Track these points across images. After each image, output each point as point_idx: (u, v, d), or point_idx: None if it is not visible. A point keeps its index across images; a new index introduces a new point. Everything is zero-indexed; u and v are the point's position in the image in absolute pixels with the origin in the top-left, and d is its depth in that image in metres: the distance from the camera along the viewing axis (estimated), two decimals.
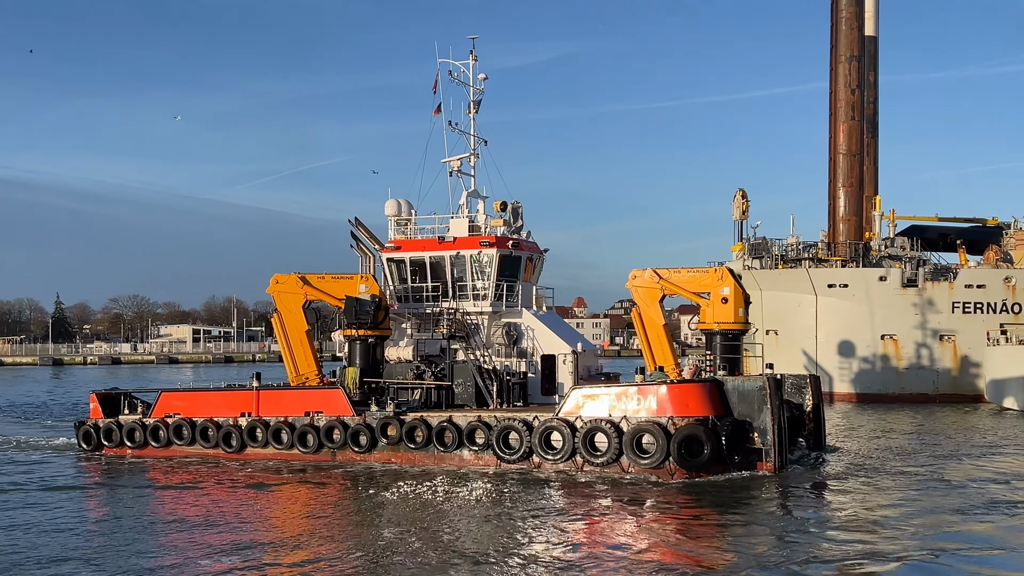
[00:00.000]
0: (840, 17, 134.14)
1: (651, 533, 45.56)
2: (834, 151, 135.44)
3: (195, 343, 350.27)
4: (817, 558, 39.66)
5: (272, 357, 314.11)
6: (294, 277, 69.71)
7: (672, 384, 59.53)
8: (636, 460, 58.14)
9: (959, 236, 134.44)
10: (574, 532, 45.53)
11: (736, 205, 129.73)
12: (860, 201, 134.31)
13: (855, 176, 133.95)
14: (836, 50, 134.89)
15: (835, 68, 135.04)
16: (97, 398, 74.11)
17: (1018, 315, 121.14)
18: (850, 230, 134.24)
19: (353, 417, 65.13)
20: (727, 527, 46.78)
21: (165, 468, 66.09)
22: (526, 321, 70.10)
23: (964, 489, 55.63)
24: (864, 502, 52.12)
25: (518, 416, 61.69)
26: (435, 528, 45.73)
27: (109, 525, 48.65)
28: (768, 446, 59.15)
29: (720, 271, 66.76)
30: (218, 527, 47.06)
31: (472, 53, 72.75)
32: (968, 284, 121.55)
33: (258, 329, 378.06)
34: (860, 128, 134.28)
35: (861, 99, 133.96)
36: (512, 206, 71.05)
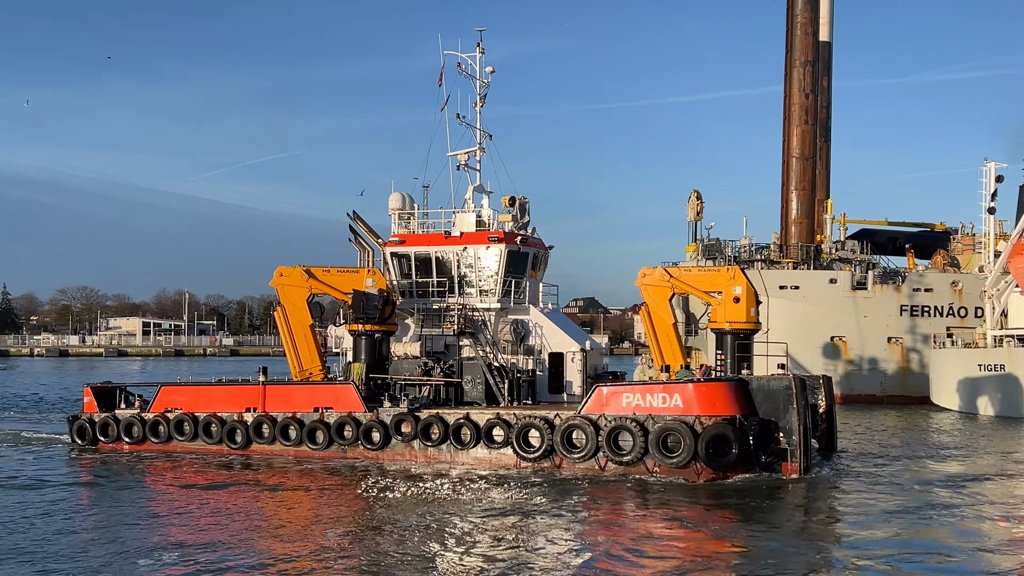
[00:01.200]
0: (795, 23, 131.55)
1: (681, 535, 42.97)
2: (787, 154, 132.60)
3: (145, 336, 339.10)
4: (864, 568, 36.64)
5: (223, 351, 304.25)
6: (299, 270, 65.08)
7: (699, 383, 56.03)
8: (662, 459, 54.52)
9: (908, 240, 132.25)
10: (597, 533, 43.06)
11: (691, 206, 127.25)
12: (812, 204, 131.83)
13: (807, 179, 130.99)
14: (791, 55, 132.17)
15: (790, 73, 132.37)
16: (92, 392, 69.13)
17: (964, 318, 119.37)
18: (802, 233, 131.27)
19: (365, 413, 61.10)
20: (764, 533, 43.71)
21: (167, 464, 61.64)
22: (534, 318, 66.29)
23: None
24: (911, 506, 49.31)
25: (538, 413, 57.97)
26: (453, 527, 42.69)
27: (109, 524, 44.49)
28: (794, 447, 55.66)
29: (732, 270, 63.86)
30: (226, 526, 43.69)
31: (479, 46, 68.72)
32: (916, 288, 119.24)
33: (209, 323, 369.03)
34: (813, 132, 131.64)
35: (815, 103, 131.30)
36: (519, 202, 65.93)
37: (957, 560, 37.69)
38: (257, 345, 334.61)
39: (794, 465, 55.36)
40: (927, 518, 45.97)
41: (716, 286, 63.13)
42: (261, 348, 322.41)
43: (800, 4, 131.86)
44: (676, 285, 63.86)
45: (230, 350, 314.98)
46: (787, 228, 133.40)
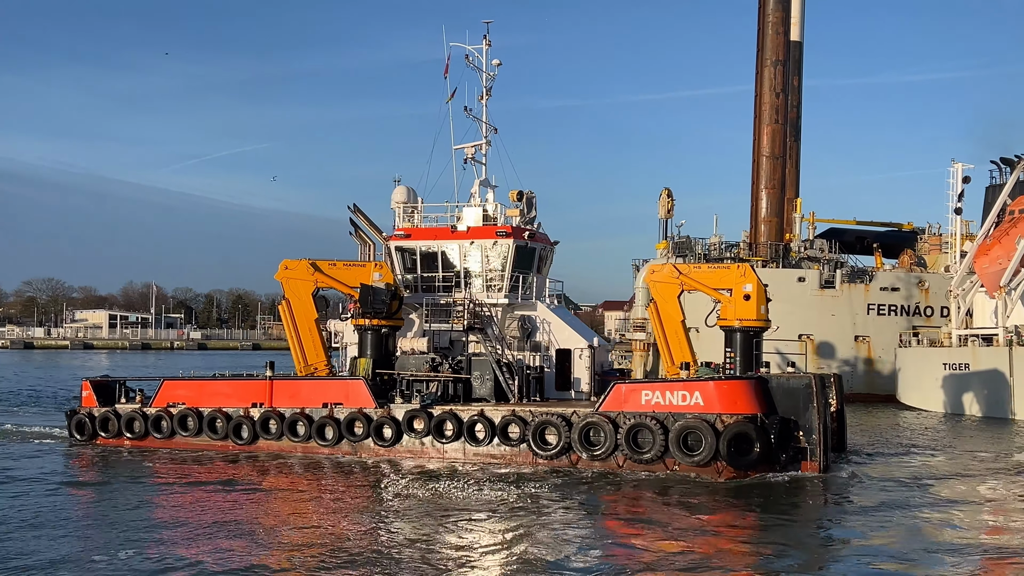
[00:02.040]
0: (767, 22, 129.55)
1: (706, 534, 40.99)
2: (758, 153, 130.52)
3: (111, 329, 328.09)
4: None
5: (191, 344, 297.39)
6: (304, 263, 62.18)
7: (720, 380, 54.15)
8: (683, 458, 52.45)
9: (876, 240, 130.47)
10: (617, 532, 41.60)
11: (661, 204, 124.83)
12: (782, 203, 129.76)
13: (777, 178, 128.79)
14: (762, 54, 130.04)
15: (761, 72, 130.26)
16: (91, 385, 65.71)
17: (930, 317, 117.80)
18: (771, 231, 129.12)
19: (376, 409, 58.40)
20: (790, 531, 42.56)
21: (170, 460, 58.73)
22: (541, 314, 63.92)
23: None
24: (935, 503, 47.94)
25: (554, 410, 55.71)
26: (469, 526, 41.08)
27: (112, 522, 42.11)
28: (813, 445, 53.70)
29: (743, 267, 62.30)
30: (235, 526, 41.17)
31: (486, 38, 65.82)
32: (883, 287, 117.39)
33: (177, 316, 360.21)
34: (783, 131, 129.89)
35: (785, 103, 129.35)
36: (527, 196, 62.51)
37: (979, 556, 36.88)
38: (225, 339, 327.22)
39: (813, 464, 53.55)
40: (949, 514, 44.97)
41: (726, 283, 61.21)
42: (229, 342, 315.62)
43: (771, 4, 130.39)
44: (685, 282, 61.89)
45: (197, 343, 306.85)
46: (757, 226, 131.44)
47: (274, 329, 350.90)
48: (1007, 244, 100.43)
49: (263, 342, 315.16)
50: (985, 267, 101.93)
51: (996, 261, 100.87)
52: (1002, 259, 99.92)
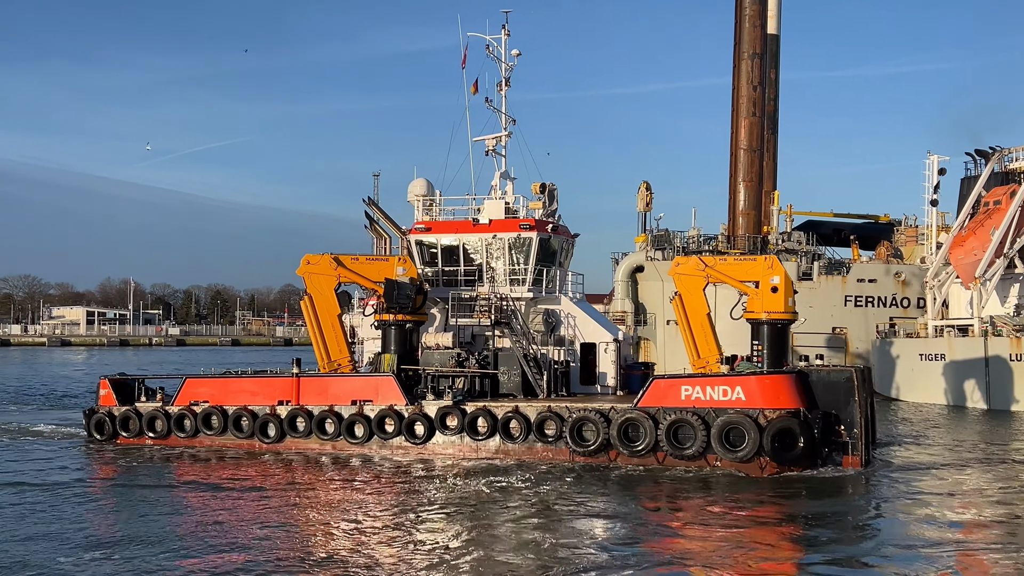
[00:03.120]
0: (744, 15, 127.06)
1: (759, 530, 39.45)
2: (735, 146, 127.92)
3: (89, 325, 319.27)
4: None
5: (170, 341, 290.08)
6: (327, 258, 58.84)
7: (763, 375, 51.90)
8: (726, 454, 50.07)
9: (852, 232, 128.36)
10: (663, 528, 39.61)
11: (640, 197, 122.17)
12: (759, 196, 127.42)
13: (755, 171, 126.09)
14: (739, 47, 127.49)
15: (738, 65, 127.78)
16: (110, 384, 62.09)
17: (907, 309, 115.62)
18: (749, 224, 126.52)
19: (407, 406, 55.53)
20: (843, 526, 40.59)
21: (196, 460, 55.72)
22: (565, 308, 61.30)
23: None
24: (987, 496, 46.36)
25: (591, 406, 53.15)
26: (513, 523, 39.08)
27: (140, 522, 39.45)
28: (855, 439, 51.56)
29: (770, 259, 59.51)
30: (269, 527, 38.49)
31: (504, 28, 62.77)
32: (860, 278, 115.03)
33: (155, 312, 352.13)
34: (761, 124, 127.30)
35: (762, 96, 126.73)
36: (549, 188, 59.00)
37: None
38: (204, 335, 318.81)
39: (855, 458, 51.48)
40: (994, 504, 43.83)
41: (753, 275, 58.48)
42: (208, 338, 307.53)
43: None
44: (711, 274, 59.14)
45: (176, 340, 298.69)
46: (735, 219, 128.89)
47: (253, 325, 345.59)
48: (982, 235, 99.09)
49: (242, 338, 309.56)
50: (960, 258, 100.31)
51: (971, 252, 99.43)
52: (977, 250, 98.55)
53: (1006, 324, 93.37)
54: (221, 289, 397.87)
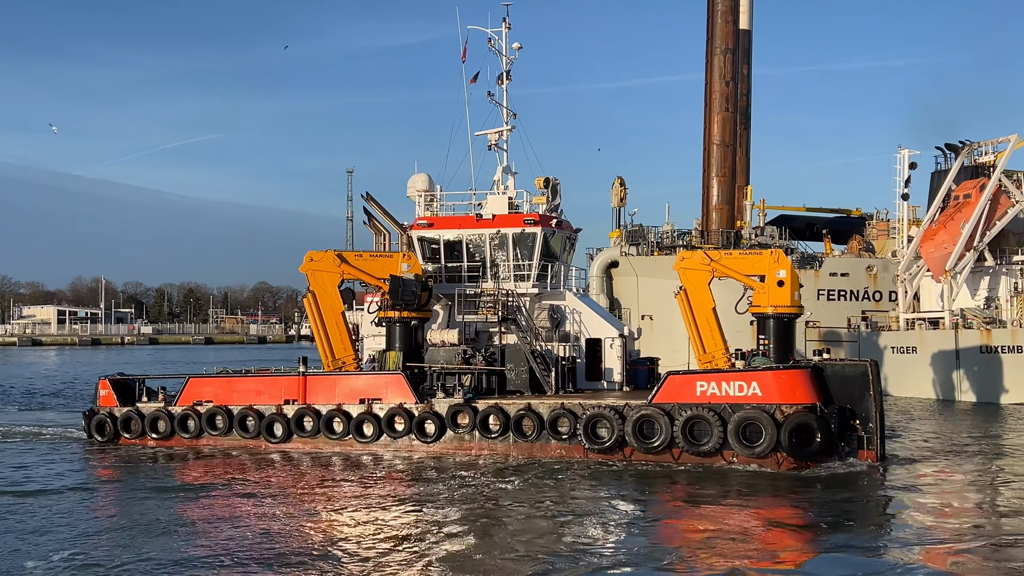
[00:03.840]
0: (716, 11, 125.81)
1: (782, 526, 38.48)
2: (708, 141, 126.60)
3: (60, 325, 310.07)
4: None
5: (142, 339, 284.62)
6: (331, 254, 57.05)
7: (778, 370, 50.50)
8: (743, 450, 48.71)
9: (825, 226, 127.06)
10: (684, 524, 38.64)
11: (614, 192, 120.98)
12: (732, 191, 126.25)
13: (728, 166, 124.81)
14: (712, 43, 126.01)
15: (711, 60, 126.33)
16: (110, 384, 59.58)
17: (879, 302, 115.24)
18: (722, 219, 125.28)
19: (417, 404, 53.66)
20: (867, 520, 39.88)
21: (203, 460, 53.53)
22: (570, 303, 59.64)
23: None
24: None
25: (605, 403, 51.66)
26: (523, 524, 37.65)
27: (156, 524, 37.67)
28: (870, 433, 50.26)
29: (776, 253, 57.78)
30: (288, 531, 36.59)
31: (505, 21, 60.83)
32: (832, 272, 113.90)
33: (127, 311, 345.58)
34: (734, 119, 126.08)
35: (735, 91, 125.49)
36: (552, 183, 56.85)
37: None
38: (177, 334, 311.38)
39: (871, 452, 50.20)
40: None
41: (759, 270, 56.90)
42: (181, 337, 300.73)
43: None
44: (716, 269, 57.48)
45: (149, 339, 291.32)
46: (708, 214, 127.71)
47: (226, 323, 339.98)
48: (952, 229, 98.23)
49: (216, 336, 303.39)
50: (931, 252, 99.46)
51: (942, 246, 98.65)
52: (947, 244, 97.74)
53: (976, 317, 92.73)
54: (194, 287, 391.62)
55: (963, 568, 31.45)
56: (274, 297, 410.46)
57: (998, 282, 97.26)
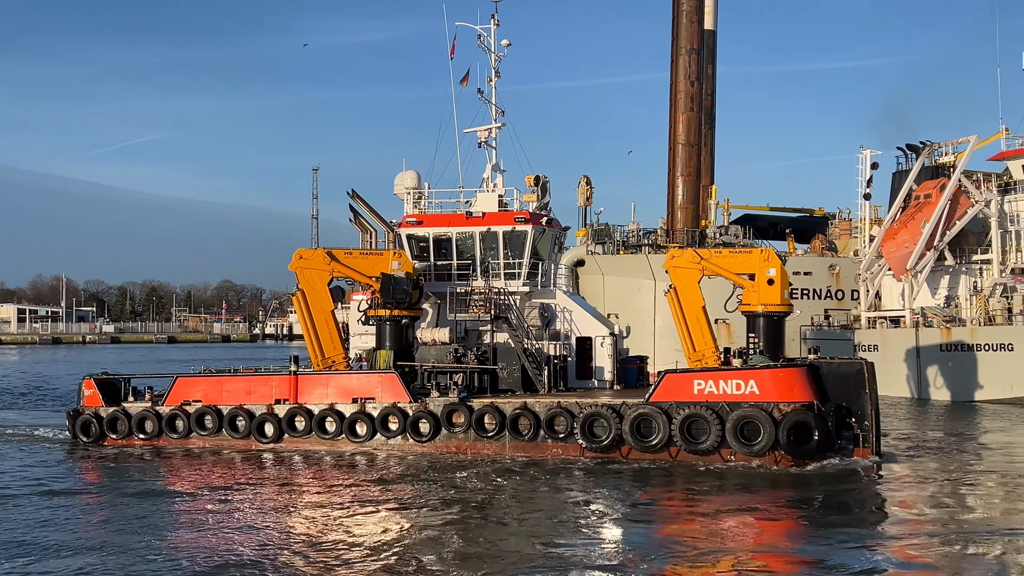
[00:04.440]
0: (681, 11, 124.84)
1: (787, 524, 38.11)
2: (673, 141, 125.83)
3: (20, 323, 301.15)
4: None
5: (104, 338, 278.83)
6: (320, 252, 55.71)
7: (776, 369, 49.64)
8: (741, 448, 47.80)
9: (788, 225, 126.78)
10: (685, 524, 37.58)
11: (581, 191, 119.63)
12: (697, 190, 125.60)
13: (693, 166, 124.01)
14: (677, 43, 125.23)
15: (676, 60, 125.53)
16: (95, 384, 57.51)
17: (841, 301, 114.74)
18: (687, 218, 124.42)
19: (411, 404, 52.24)
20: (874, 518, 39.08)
21: (193, 461, 51.71)
22: (561, 302, 58.55)
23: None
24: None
25: (601, 401, 50.58)
26: (520, 523, 36.83)
27: (149, 526, 36.30)
28: (866, 431, 49.48)
29: (766, 251, 57.67)
30: (287, 533, 35.27)
31: (494, 18, 59.28)
32: (795, 271, 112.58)
33: (88, 309, 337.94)
34: (698, 119, 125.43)
35: (700, 91, 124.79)
36: (542, 181, 55.55)
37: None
38: (139, 332, 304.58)
39: (867, 450, 49.48)
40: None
41: (749, 268, 56.31)
42: (144, 336, 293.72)
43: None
44: (707, 267, 56.80)
45: (111, 337, 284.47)
46: (673, 213, 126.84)
47: (190, 321, 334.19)
48: (913, 228, 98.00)
49: (179, 335, 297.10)
50: (892, 251, 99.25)
51: (903, 245, 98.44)
52: (908, 243, 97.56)
53: (936, 315, 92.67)
54: (157, 285, 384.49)
55: (963, 564, 31.00)
56: (238, 296, 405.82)
57: (958, 281, 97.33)
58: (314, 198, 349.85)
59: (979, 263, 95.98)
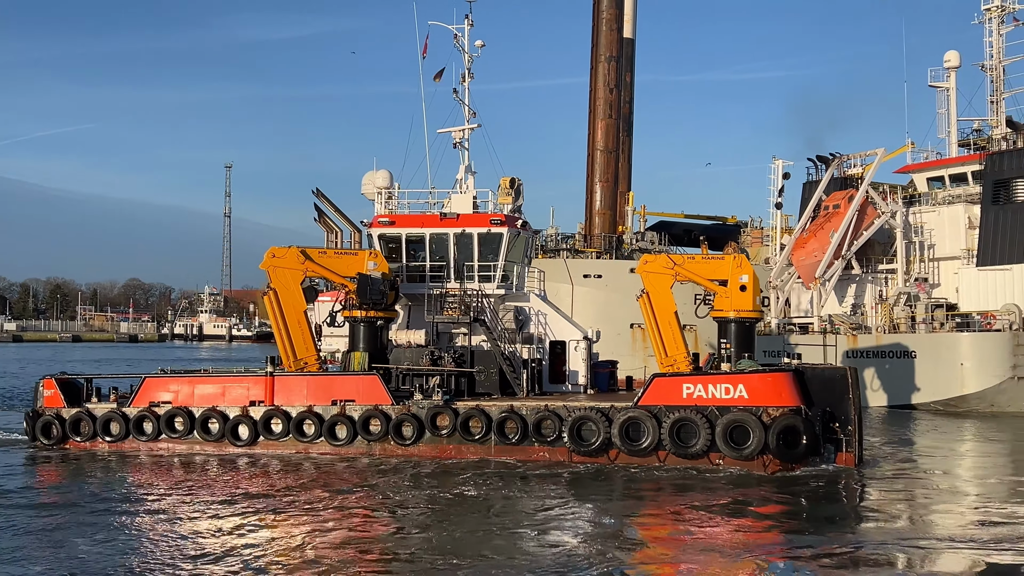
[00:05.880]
0: (601, 19, 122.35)
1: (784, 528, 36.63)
2: (592, 147, 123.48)
3: None
4: None
5: (5, 337, 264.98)
6: (294, 251, 52.36)
7: (764, 373, 48.22)
8: (730, 452, 46.29)
9: (702, 232, 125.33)
10: (682, 528, 35.73)
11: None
12: (615, 196, 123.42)
13: (611, 172, 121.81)
14: (597, 50, 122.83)
15: (595, 67, 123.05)
16: (56, 384, 53.19)
17: None
18: (605, 223, 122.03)
19: (394, 406, 49.54)
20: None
21: (162, 464, 47.87)
22: (535, 305, 56.29)
23: None
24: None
25: (589, 405, 48.63)
26: (518, 528, 34.52)
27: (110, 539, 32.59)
28: (849, 436, 48.22)
29: (739, 258, 56.41)
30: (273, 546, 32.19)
31: (468, 18, 56.74)
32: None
33: None
34: (617, 126, 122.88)
35: (618, 98, 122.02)
36: (517, 183, 53.70)
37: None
38: (43, 331, 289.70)
39: (849, 455, 48.33)
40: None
41: (721, 274, 54.82)
42: (47, 334, 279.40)
43: (605, 1, 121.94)
44: (680, 273, 55.42)
45: (12, 336, 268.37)
46: (592, 218, 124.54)
47: (95, 320, 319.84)
48: (822, 238, 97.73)
49: (84, 334, 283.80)
50: (802, 259, 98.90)
51: (812, 254, 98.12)
52: (817, 252, 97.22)
53: (843, 323, 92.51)
54: (61, 283, 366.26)
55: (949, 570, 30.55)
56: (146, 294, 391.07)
57: (864, 290, 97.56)
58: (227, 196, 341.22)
59: (884, 272, 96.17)
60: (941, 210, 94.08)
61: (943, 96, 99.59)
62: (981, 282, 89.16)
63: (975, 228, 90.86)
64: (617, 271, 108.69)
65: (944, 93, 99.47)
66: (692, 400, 46.59)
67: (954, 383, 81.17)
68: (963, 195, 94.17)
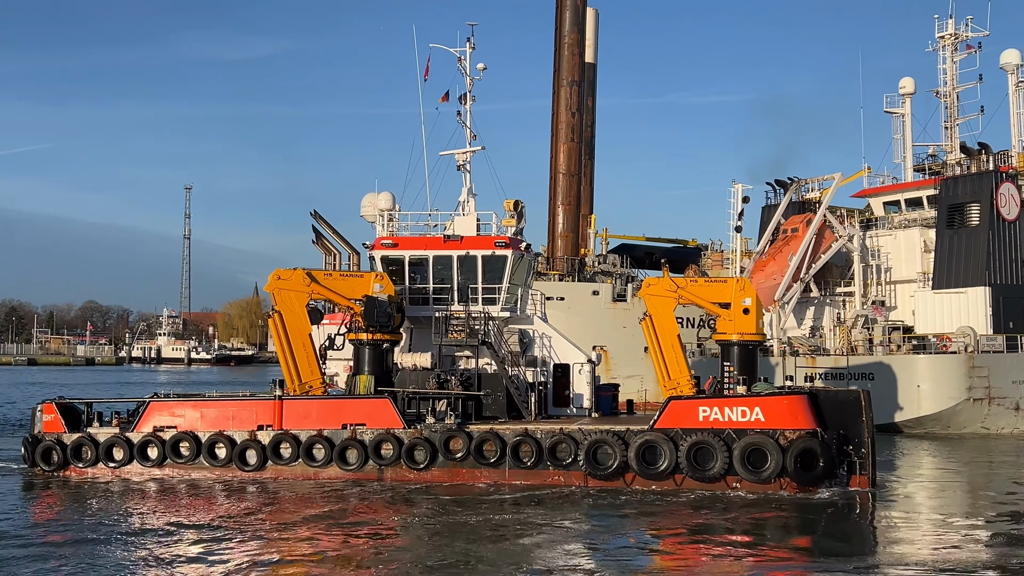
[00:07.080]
0: (563, 43, 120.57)
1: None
2: (555, 170, 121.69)
3: None
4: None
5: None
6: (300, 273, 50.22)
7: (780, 396, 46.81)
8: (748, 475, 44.89)
9: (663, 255, 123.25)
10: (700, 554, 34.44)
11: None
12: (577, 219, 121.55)
13: (573, 195, 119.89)
14: (559, 74, 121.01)
15: (557, 91, 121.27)
16: (56, 408, 50.41)
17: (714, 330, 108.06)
18: (567, 246, 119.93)
19: (406, 430, 47.54)
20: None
21: (170, 492, 45.20)
22: (539, 328, 54.61)
23: None
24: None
25: (604, 428, 46.77)
26: (535, 555, 32.97)
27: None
28: (863, 458, 46.83)
29: (742, 281, 54.95)
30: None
31: (470, 41, 54.82)
32: None
33: None
34: (579, 149, 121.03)
35: (580, 122, 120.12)
36: (520, 206, 53.11)
37: None
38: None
39: (863, 477, 46.93)
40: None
41: (724, 297, 53.35)
42: (2, 358, 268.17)
43: (567, 26, 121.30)
44: (683, 296, 53.82)
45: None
46: (554, 241, 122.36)
47: (52, 343, 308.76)
48: (781, 260, 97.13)
49: (40, 357, 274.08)
50: (761, 282, 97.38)
51: (771, 276, 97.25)
52: (776, 275, 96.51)
53: (802, 344, 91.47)
54: (16, 305, 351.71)
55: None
56: (104, 317, 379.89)
57: (822, 312, 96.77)
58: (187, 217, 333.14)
59: (842, 295, 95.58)
60: (897, 234, 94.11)
61: (899, 122, 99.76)
62: (936, 305, 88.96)
63: (930, 252, 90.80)
64: (580, 293, 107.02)
65: (900, 119, 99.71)
66: (709, 423, 45.17)
67: (911, 405, 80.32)
68: (919, 219, 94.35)
